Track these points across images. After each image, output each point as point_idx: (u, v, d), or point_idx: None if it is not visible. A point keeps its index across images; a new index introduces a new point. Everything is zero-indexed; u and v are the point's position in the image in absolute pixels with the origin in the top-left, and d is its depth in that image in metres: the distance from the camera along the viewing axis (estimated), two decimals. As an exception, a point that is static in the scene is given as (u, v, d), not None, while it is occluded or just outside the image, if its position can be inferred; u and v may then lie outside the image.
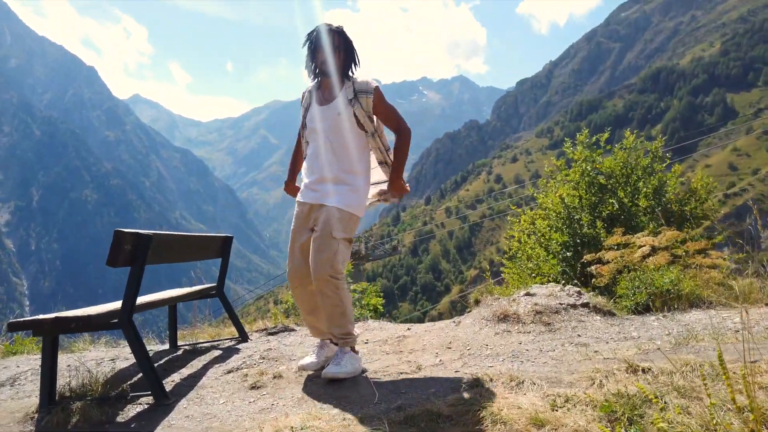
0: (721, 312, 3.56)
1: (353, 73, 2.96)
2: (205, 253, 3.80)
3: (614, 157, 8.40)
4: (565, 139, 9.23)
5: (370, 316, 6.75)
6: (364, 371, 2.87)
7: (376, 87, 2.89)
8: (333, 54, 2.87)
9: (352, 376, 2.74)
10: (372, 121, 2.91)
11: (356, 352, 2.92)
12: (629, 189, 8.11)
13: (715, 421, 1.36)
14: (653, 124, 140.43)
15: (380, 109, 2.92)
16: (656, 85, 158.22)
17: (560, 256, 7.87)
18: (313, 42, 2.90)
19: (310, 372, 2.92)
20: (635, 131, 8.93)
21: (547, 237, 8.29)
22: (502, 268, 9.56)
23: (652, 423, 1.70)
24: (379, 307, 8.43)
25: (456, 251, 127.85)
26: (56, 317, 2.51)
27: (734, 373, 2.10)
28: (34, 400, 2.80)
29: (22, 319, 2.54)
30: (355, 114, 2.86)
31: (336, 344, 2.91)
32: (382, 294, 9.22)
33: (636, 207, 7.88)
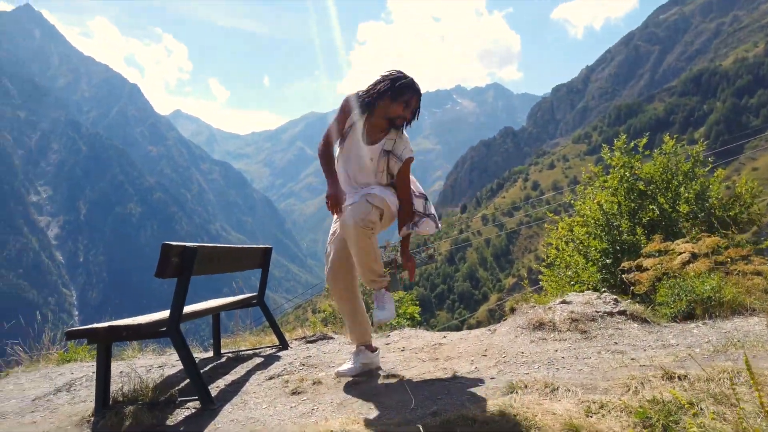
0: (764, 319, 3.49)
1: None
2: (247, 264, 3.94)
3: (654, 162, 8.26)
4: (603, 144, 9.12)
5: (408, 325, 6.81)
6: (401, 378, 2.94)
7: (408, 159, 3.05)
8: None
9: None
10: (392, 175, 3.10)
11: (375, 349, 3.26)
12: (670, 195, 7.96)
13: (744, 426, 1.38)
14: (696, 127, 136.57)
15: (400, 177, 3.07)
16: (698, 87, 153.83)
17: (600, 264, 7.77)
18: (407, 92, 2.97)
19: (349, 378, 3.00)
20: (675, 135, 8.77)
21: (585, 244, 8.20)
22: (540, 276, 9.48)
23: (685, 429, 1.71)
24: (416, 315, 8.47)
25: (493, 259, 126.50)
26: (110, 326, 2.66)
27: (773, 380, 2.09)
28: (90, 405, 2.96)
29: (78, 328, 2.70)
30: (387, 164, 3.04)
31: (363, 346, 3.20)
32: (418, 302, 9.26)
33: (677, 213, 7.73)
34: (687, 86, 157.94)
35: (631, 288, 4.86)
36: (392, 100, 2.94)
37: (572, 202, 9.35)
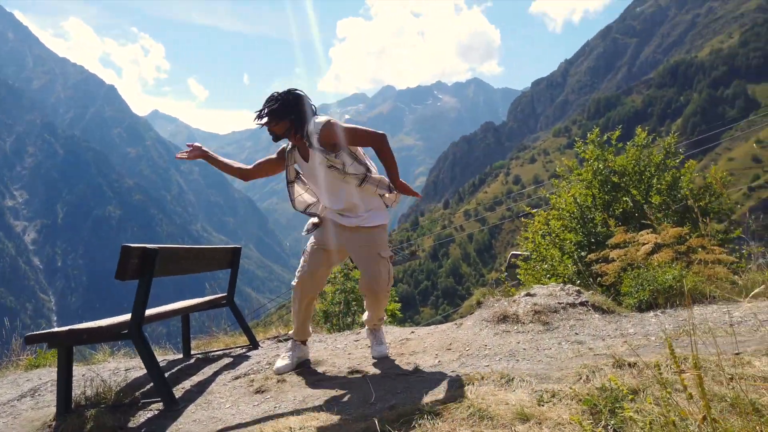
0: (722, 306, 3.58)
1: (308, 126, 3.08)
2: (215, 264, 3.93)
3: (626, 154, 8.39)
4: (576, 138, 9.24)
5: (389, 321, 6.84)
6: (365, 374, 2.97)
7: (325, 122, 2.98)
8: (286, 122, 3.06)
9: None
10: (336, 154, 3.03)
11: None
12: (643, 186, 8.09)
13: (668, 408, 1.43)
14: (673, 118, 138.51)
15: (338, 139, 3.00)
16: (675, 79, 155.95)
17: (575, 256, 7.88)
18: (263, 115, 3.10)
19: (314, 376, 3.03)
20: (652, 127, 8.92)
21: (561, 237, 8.30)
22: (517, 270, 9.58)
23: (625, 413, 1.76)
24: (396, 312, 8.51)
25: (476, 254, 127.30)
26: (69, 329, 2.65)
27: (717, 365, 2.15)
28: (53, 410, 2.94)
29: (37, 333, 2.69)
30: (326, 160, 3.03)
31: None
32: (397, 299, 9.29)
33: (649, 204, 7.86)
34: (664, 78, 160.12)
35: (598, 279, 4.94)
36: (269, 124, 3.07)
37: (547, 195, 9.46)
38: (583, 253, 7.85)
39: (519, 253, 6.04)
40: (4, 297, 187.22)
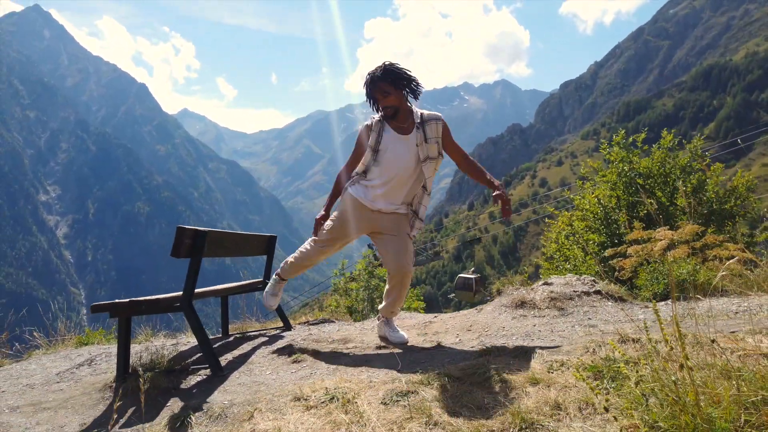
0: (732, 299, 3.76)
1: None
2: (252, 250, 4.25)
3: (652, 156, 8.48)
4: (602, 141, 9.35)
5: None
6: (392, 349, 3.24)
7: (440, 116, 3.34)
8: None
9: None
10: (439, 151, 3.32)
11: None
12: (668, 189, 8.16)
13: (656, 367, 1.67)
14: (705, 123, 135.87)
15: (448, 137, 3.32)
16: (708, 82, 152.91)
17: (598, 257, 8.00)
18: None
19: (345, 350, 3.31)
20: (684, 131, 9.00)
21: (584, 238, 8.43)
22: (540, 270, 9.74)
23: (627, 377, 2.00)
24: (420, 311, 8.78)
25: (500, 256, 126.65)
26: (131, 300, 2.98)
27: (713, 341, 2.37)
28: (111, 375, 3.28)
29: (102, 303, 3.02)
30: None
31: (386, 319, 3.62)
32: (422, 298, 9.55)
33: (674, 207, 7.94)
34: (697, 81, 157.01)
35: (616, 274, 5.12)
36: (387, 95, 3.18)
37: (571, 197, 9.59)
38: (606, 254, 7.99)
39: (467, 275, 6.21)
40: (37, 290, 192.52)
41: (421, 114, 3.23)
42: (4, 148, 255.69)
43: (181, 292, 3.22)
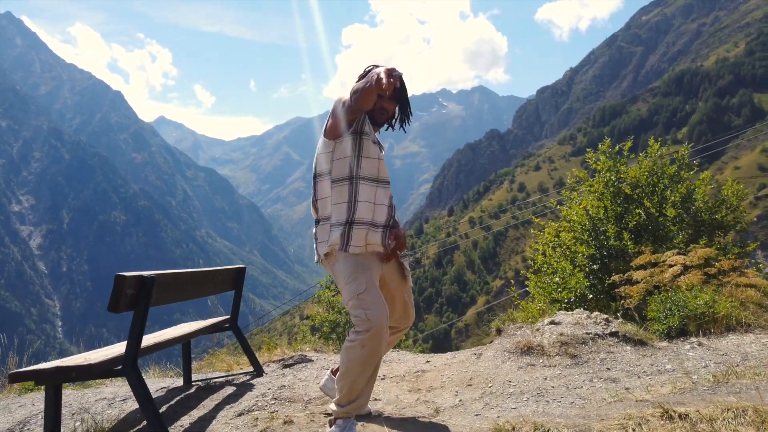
0: (761, 337, 3.33)
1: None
2: (217, 288, 3.70)
3: (639, 166, 8.15)
4: (587, 149, 9.01)
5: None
6: (380, 414, 2.72)
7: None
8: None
9: None
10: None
11: None
12: (656, 198, 7.85)
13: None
14: (679, 127, 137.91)
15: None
16: (680, 87, 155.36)
17: (587, 269, 7.63)
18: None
19: (324, 415, 2.78)
20: (659, 138, 8.66)
21: (572, 250, 8.04)
22: (526, 282, 9.32)
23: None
24: (410, 350, 8.32)
25: (481, 261, 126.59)
26: (57, 367, 2.42)
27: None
28: (40, 450, 2.72)
29: (22, 370, 2.46)
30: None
31: None
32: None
33: (663, 217, 7.63)
34: (669, 87, 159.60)
35: (620, 301, 4.68)
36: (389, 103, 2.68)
37: (558, 208, 9.21)
38: (595, 267, 7.61)
39: None
40: (9, 302, 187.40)
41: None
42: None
43: (123, 347, 2.67)
